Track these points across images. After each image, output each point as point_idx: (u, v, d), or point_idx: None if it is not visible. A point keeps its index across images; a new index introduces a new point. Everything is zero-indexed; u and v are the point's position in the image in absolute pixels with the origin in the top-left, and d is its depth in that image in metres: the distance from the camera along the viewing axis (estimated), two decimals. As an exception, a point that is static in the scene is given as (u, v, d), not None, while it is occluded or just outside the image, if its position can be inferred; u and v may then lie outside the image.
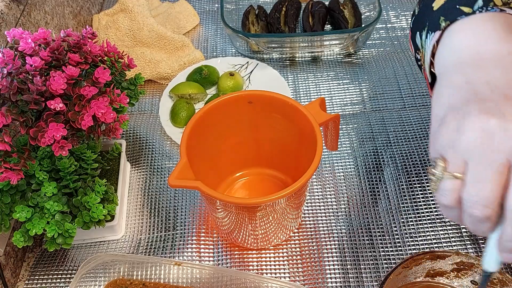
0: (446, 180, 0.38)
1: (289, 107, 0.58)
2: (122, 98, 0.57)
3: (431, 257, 0.52)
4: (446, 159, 0.38)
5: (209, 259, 0.64)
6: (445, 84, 0.42)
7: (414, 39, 0.54)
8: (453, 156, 0.38)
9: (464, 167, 0.37)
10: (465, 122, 0.37)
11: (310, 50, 0.88)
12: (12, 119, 0.49)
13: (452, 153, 0.38)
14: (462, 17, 0.44)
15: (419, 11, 0.54)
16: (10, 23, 0.67)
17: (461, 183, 0.37)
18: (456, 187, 0.38)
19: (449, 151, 0.38)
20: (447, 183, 0.38)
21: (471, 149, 0.36)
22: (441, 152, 0.39)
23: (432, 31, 0.48)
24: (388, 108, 0.79)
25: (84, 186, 0.60)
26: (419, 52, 0.53)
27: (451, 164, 0.38)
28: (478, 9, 0.43)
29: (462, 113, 0.38)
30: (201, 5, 1.01)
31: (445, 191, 0.38)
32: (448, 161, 0.38)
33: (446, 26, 0.45)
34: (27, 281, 0.63)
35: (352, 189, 0.70)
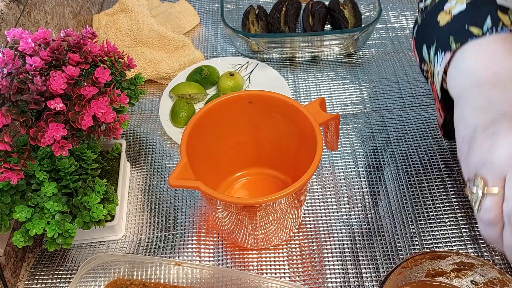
0: (487, 198, 0.39)
1: (289, 107, 0.58)
2: (122, 98, 0.57)
3: (431, 257, 0.52)
4: (483, 177, 0.40)
5: (209, 259, 0.64)
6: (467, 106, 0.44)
7: (420, 51, 0.55)
8: (489, 174, 0.40)
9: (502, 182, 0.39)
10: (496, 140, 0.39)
11: (310, 50, 0.88)
12: (12, 119, 0.49)
13: (488, 171, 0.40)
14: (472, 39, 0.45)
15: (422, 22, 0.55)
16: (10, 23, 0.67)
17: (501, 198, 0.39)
18: (498, 203, 0.39)
19: (485, 170, 0.40)
20: (488, 201, 0.39)
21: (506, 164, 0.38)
22: (477, 171, 0.41)
23: (442, 50, 0.49)
24: (388, 108, 0.79)
25: (84, 186, 0.60)
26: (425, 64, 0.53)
27: (489, 181, 0.39)
28: (488, 30, 0.45)
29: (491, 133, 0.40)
30: (201, 5, 1.01)
31: (488, 209, 0.39)
32: (486, 179, 0.39)
33: (456, 48, 0.46)
34: (27, 281, 0.63)
35: (352, 189, 0.70)
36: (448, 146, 0.73)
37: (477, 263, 0.51)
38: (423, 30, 0.55)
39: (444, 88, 0.51)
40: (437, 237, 0.64)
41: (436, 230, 0.64)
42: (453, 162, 0.71)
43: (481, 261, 0.50)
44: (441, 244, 0.63)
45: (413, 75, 0.84)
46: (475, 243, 0.63)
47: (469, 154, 0.42)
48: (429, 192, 0.68)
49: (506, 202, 0.39)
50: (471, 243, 0.63)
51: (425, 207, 0.67)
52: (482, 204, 0.40)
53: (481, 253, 0.62)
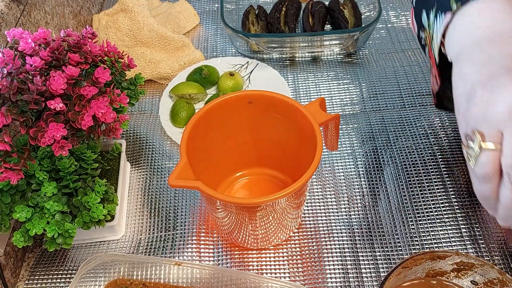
0: (484, 152, 0.39)
1: (289, 107, 0.58)
2: (122, 98, 0.57)
3: (431, 257, 0.52)
4: (481, 132, 0.39)
5: (209, 259, 0.64)
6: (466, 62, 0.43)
7: (420, 18, 0.53)
8: (488, 128, 0.39)
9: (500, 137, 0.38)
10: (495, 94, 0.39)
11: (310, 50, 0.88)
12: (12, 119, 0.49)
13: (486, 126, 0.39)
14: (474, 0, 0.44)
15: None
16: (10, 23, 0.67)
17: (498, 153, 0.38)
18: (494, 158, 0.39)
19: (483, 124, 0.39)
20: (485, 155, 0.39)
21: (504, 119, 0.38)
22: (475, 127, 0.40)
23: (442, 12, 0.48)
24: (388, 108, 0.79)
25: (84, 186, 0.60)
26: (424, 31, 0.52)
27: (487, 136, 0.39)
28: None
29: (490, 87, 0.39)
30: (201, 5, 1.01)
31: (484, 163, 0.39)
32: (484, 134, 0.39)
33: (457, 9, 0.45)
34: (27, 281, 0.63)
35: (352, 189, 0.70)
36: (448, 146, 0.73)
37: (477, 263, 0.51)
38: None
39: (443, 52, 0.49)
40: (437, 237, 0.64)
41: (436, 230, 0.64)
42: (453, 162, 0.71)
43: (481, 261, 0.50)
44: (441, 244, 0.63)
45: (413, 75, 0.84)
46: (475, 243, 0.63)
47: (467, 110, 0.41)
48: (429, 192, 0.68)
49: (505, 158, 0.38)
50: (471, 243, 0.63)
51: (425, 207, 0.67)
52: (479, 159, 0.40)
53: (481, 253, 0.62)
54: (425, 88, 0.82)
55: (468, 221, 0.65)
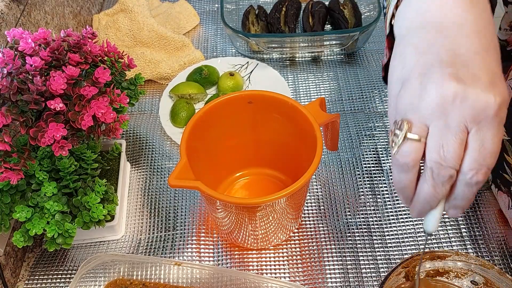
0: (408, 142, 0.39)
1: (289, 107, 0.58)
2: (122, 98, 0.57)
3: (431, 257, 0.52)
4: (409, 122, 0.40)
5: (209, 259, 0.64)
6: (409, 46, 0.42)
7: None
8: (416, 119, 0.39)
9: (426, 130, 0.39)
10: (427, 86, 0.39)
11: (310, 50, 0.88)
12: (12, 119, 0.49)
13: (415, 116, 0.39)
14: None
15: None
16: (10, 23, 0.67)
17: (421, 145, 0.39)
18: (417, 149, 0.39)
19: (412, 114, 0.39)
20: (408, 145, 0.39)
21: (432, 113, 0.38)
22: (404, 115, 0.40)
23: None
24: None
25: (84, 186, 0.60)
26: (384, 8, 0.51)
27: (414, 126, 0.39)
28: None
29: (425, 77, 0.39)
30: (201, 5, 1.01)
31: (406, 153, 0.40)
32: (412, 124, 0.39)
33: None
34: (27, 281, 0.63)
35: (351, 189, 0.69)
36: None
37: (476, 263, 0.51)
38: None
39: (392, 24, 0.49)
40: (437, 237, 0.64)
41: (436, 230, 0.64)
42: (453, 162, 0.71)
43: (481, 261, 0.50)
44: (441, 244, 0.63)
45: (413, 75, 0.84)
46: (475, 243, 0.63)
47: (399, 96, 0.41)
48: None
49: (429, 152, 0.39)
50: (471, 243, 0.63)
51: (425, 207, 0.67)
52: (401, 147, 0.40)
53: (481, 253, 0.62)
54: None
55: (468, 221, 0.65)
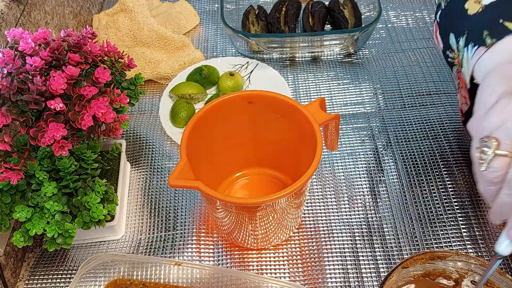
0: (497, 158, 0.41)
1: (289, 107, 0.58)
2: (122, 98, 0.57)
3: (431, 257, 0.52)
4: (498, 139, 0.41)
5: (209, 259, 0.64)
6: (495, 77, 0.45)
7: (447, 38, 0.56)
8: (504, 137, 0.41)
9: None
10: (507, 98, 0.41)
11: (310, 50, 0.88)
12: (12, 119, 0.49)
13: (503, 134, 0.41)
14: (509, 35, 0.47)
15: (446, 6, 0.56)
16: (10, 23, 0.67)
17: (509, 161, 0.41)
18: (504, 165, 0.41)
19: (500, 132, 0.41)
20: (497, 162, 0.41)
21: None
22: (491, 132, 0.42)
23: (475, 44, 0.50)
24: (388, 108, 0.79)
25: (84, 186, 0.60)
26: (452, 52, 0.54)
27: (502, 144, 0.41)
28: None
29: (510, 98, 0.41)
30: (201, 5, 1.01)
31: (495, 169, 0.42)
32: (500, 141, 0.41)
33: (492, 43, 0.48)
34: (27, 281, 0.63)
35: (352, 189, 0.70)
36: (448, 146, 0.73)
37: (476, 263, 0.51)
38: (449, 16, 0.56)
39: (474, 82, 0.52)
40: (437, 237, 0.64)
41: (436, 230, 0.64)
42: (453, 162, 0.71)
43: (481, 261, 0.50)
44: (441, 244, 0.63)
45: (413, 75, 0.84)
46: (475, 243, 0.63)
47: (487, 115, 0.43)
48: (429, 192, 0.68)
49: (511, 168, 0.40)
50: (471, 243, 0.63)
51: (425, 207, 0.67)
52: (491, 164, 0.42)
53: (481, 253, 0.62)
54: (425, 89, 0.82)
55: (468, 221, 0.65)
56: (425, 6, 0.96)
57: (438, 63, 0.85)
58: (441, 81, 0.82)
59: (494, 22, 0.49)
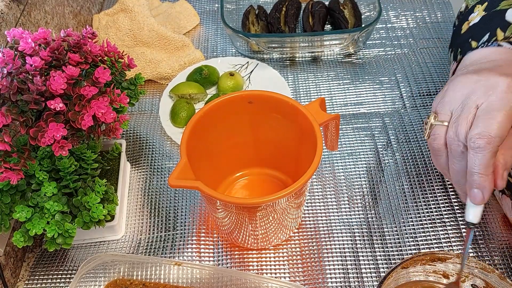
0: (435, 127, 0.51)
1: (289, 107, 0.58)
2: (122, 98, 0.57)
3: (432, 258, 0.51)
4: (436, 111, 0.51)
5: (209, 259, 0.64)
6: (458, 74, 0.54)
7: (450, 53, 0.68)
8: (441, 108, 0.51)
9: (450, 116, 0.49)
10: (451, 83, 0.51)
11: (310, 50, 0.88)
12: (12, 119, 0.49)
13: (440, 106, 0.51)
14: (469, 51, 0.58)
15: (456, 26, 0.68)
16: (10, 23, 0.67)
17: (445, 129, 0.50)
18: (443, 132, 0.50)
19: (439, 105, 0.51)
20: (435, 129, 0.51)
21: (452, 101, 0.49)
22: (435, 107, 0.52)
23: (453, 59, 0.64)
24: (388, 108, 0.79)
25: (84, 186, 0.60)
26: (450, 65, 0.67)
27: (440, 114, 0.51)
28: (481, 44, 0.57)
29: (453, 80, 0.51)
30: (201, 5, 1.01)
31: (435, 136, 0.51)
32: (438, 113, 0.51)
33: (460, 59, 0.60)
34: (27, 281, 0.63)
35: (352, 189, 0.69)
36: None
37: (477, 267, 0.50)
38: (454, 34, 0.68)
39: None
40: (437, 238, 0.64)
41: (436, 231, 0.64)
42: (453, 162, 0.71)
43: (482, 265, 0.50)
44: (441, 245, 0.63)
45: (413, 75, 0.84)
46: (475, 244, 0.63)
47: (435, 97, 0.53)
48: (429, 192, 0.68)
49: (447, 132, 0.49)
50: (471, 244, 0.63)
51: (425, 208, 0.67)
52: (432, 131, 0.51)
53: (481, 254, 0.62)
54: (425, 89, 0.82)
55: (468, 221, 0.65)
56: (425, 6, 0.96)
57: (438, 63, 0.85)
58: (441, 81, 0.82)
59: (466, 41, 0.61)
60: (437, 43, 0.89)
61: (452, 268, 0.52)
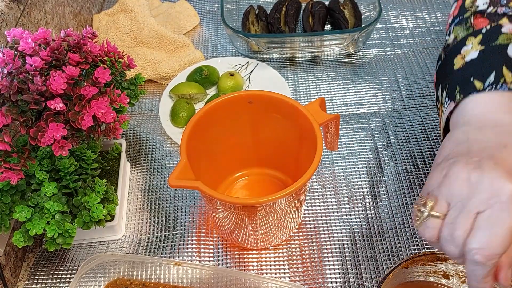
0: (430, 219, 0.43)
1: (289, 107, 0.58)
2: (122, 98, 0.57)
3: (432, 258, 0.52)
4: (435, 199, 0.44)
5: (209, 259, 0.64)
6: (450, 139, 0.48)
7: (437, 89, 0.59)
8: (439, 196, 0.43)
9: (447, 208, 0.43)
10: (451, 170, 0.43)
11: (310, 50, 0.88)
12: (12, 119, 0.49)
13: (438, 195, 0.44)
14: (473, 93, 0.50)
15: (443, 60, 0.59)
16: (10, 23, 0.67)
17: (441, 222, 0.43)
18: (437, 226, 0.43)
19: (436, 193, 0.44)
20: (430, 221, 0.43)
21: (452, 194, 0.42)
22: (431, 192, 0.45)
23: (449, 98, 0.54)
24: (388, 108, 0.79)
25: (84, 186, 0.60)
26: (439, 103, 0.58)
27: (437, 204, 0.43)
28: (488, 85, 0.50)
29: (452, 162, 0.44)
30: (201, 5, 1.01)
31: (429, 228, 0.44)
32: (437, 201, 0.43)
33: (460, 100, 0.51)
34: (27, 281, 0.63)
35: (352, 189, 0.69)
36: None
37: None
38: (443, 68, 0.59)
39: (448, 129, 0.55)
40: (437, 237, 0.64)
41: None
42: (453, 162, 0.71)
43: None
44: (441, 244, 0.63)
45: (412, 75, 0.84)
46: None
47: (429, 175, 0.46)
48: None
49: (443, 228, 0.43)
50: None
51: (425, 207, 0.67)
52: (426, 223, 0.44)
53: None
54: (425, 89, 0.82)
55: (468, 221, 0.65)
56: (425, 6, 0.96)
57: (438, 63, 0.85)
58: (441, 81, 0.83)
59: (466, 79, 0.52)
60: (437, 43, 0.89)
61: (452, 268, 0.52)
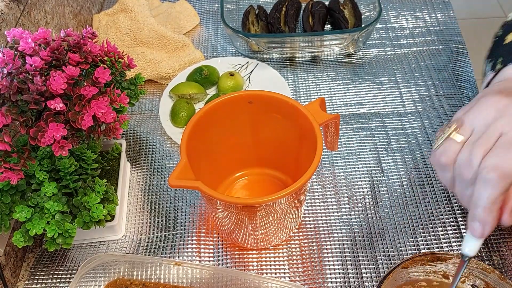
0: (448, 141, 0.45)
1: (289, 107, 0.58)
2: (122, 98, 0.57)
3: (432, 258, 0.52)
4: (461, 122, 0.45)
5: (209, 259, 0.64)
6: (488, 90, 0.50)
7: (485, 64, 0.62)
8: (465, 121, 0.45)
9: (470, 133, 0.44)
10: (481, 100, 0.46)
11: (310, 50, 0.88)
12: (12, 119, 0.49)
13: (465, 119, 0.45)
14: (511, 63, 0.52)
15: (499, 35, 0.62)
16: (10, 23, 0.67)
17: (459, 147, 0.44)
18: (455, 149, 0.44)
19: (463, 118, 0.46)
20: (449, 144, 0.45)
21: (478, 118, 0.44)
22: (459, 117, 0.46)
23: (491, 68, 0.57)
24: (388, 108, 0.79)
25: (84, 186, 0.60)
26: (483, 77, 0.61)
27: (461, 128, 0.45)
28: None
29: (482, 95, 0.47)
30: (201, 5, 1.01)
31: (446, 152, 0.45)
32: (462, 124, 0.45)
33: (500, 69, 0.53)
34: (27, 281, 0.63)
35: (352, 189, 0.69)
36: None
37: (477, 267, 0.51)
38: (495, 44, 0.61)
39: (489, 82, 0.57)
40: (437, 238, 0.64)
41: (436, 231, 0.64)
42: (453, 162, 0.71)
43: (482, 265, 0.50)
44: (441, 245, 0.63)
45: (413, 75, 0.84)
46: (475, 243, 0.63)
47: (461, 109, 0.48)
48: (429, 192, 0.68)
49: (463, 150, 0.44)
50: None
51: (425, 207, 0.67)
52: (443, 144, 0.45)
53: (481, 254, 0.62)
54: (425, 89, 0.82)
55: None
56: (425, 6, 0.96)
57: (438, 63, 0.85)
58: (440, 82, 0.82)
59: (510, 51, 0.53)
60: (437, 43, 0.89)
61: (452, 268, 0.52)
